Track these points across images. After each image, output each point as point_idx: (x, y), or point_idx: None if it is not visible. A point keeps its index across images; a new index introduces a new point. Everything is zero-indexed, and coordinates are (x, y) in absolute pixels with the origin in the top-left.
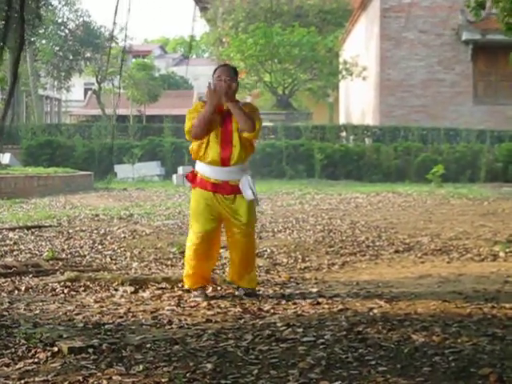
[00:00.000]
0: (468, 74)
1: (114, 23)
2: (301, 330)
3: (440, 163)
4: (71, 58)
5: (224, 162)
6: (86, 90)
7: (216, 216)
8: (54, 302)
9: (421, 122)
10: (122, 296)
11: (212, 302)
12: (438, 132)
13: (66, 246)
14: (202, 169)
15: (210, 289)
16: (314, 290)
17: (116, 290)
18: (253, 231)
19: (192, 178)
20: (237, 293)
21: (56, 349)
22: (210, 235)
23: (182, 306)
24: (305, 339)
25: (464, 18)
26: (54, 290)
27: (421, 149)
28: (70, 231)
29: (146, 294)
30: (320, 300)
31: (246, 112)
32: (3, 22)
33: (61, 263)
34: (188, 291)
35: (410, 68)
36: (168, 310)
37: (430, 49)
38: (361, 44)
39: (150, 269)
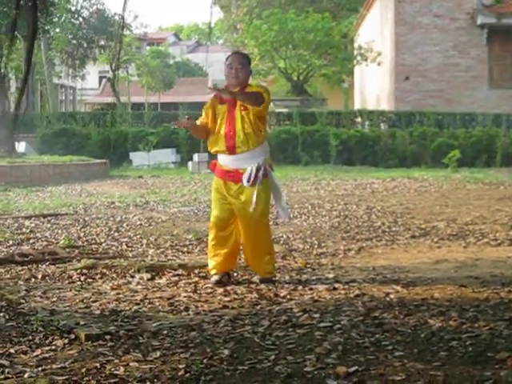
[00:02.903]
0: (483, 58)
1: (123, 12)
2: (317, 315)
3: (456, 148)
4: (85, 46)
5: (230, 150)
6: (100, 78)
7: (228, 203)
8: (70, 290)
9: (436, 106)
10: (138, 283)
11: (228, 288)
12: (454, 117)
13: (82, 234)
14: (218, 157)
15: (226, 275)
16: (331, 275)
17: (132, 276)
18: (263, 219)
19: (213, 166)
20: (255, 278)
21: (73, 336)
22: (224, 222)
23: (198, 292)
24: (321, 325)
25: (479, 1)
26: (71, 277)
27: (436, 133)
28: (86, 219)
29: (163, 281)
30: (336, 285)
31: (248, 92)
32: (14, 11)
33: (77, 251)
34: (205, 278)
35: (425, 53)
36: (184, 296)
37: (445, 33)
38: (375, 29)
39: (166, 255)
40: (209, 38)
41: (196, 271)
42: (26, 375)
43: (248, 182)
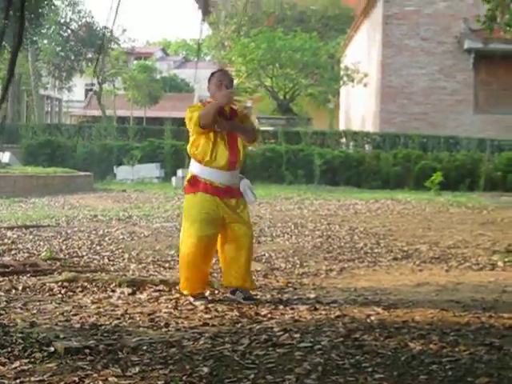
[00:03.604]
0: (469, 82)
1: (112, 25)
2: (298, 335)
3: (439, 171)
4: (73, 58)
5: (230, 164)
6: (86, 91)
7: (217, 221)
8: (51, 302)
9: (421, 129)
10: (119, 297)
11: (209, 305)
12: (438, 140)
13: (64, 246)
14: (204, 172)
15: (208, 292)
16: (312, 295)
17: (113, 291)
18: (251, 232)
19: (194, 182)
20: (235, 296)
21: (52, 349)
22: (210, 240)
23: (179, 308)
24: (302, 345)
25: (466, 26)
26: (52, 289)
27: (420, 156)
28: (69, 231)
29: (144, 296)
30: (317, 306)
31: (244, 126)
32: (3, 22)
33: (58, 263)
34: (190, 295)
35: (411, 75)
36: (165, 312)
37: (432, 56)
38: (362, 50)
39: (147, 271)
40: (198, 54)
41: (177, 287)
42: None
43: (255, 197)
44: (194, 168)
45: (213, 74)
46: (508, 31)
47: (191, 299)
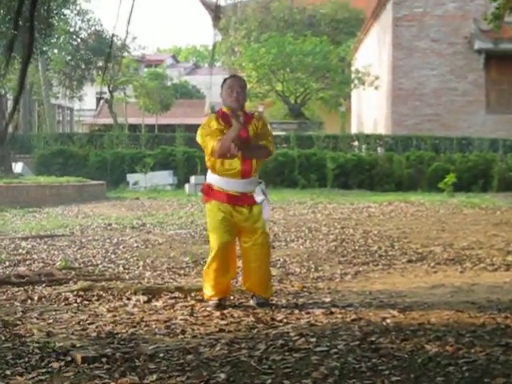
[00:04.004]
0: (480, 82)
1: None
2: (314, 339)
3: (452, 172)
4: (83, 67)
5: (244, 174)
6: (97, 100)
7: (232, 228)
8: (67, 312)
9: (433, 131)
10: (135, 305)
11: (225, 311)
12: (451, 141)
13: (78, 256)
14: (218, 181)
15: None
16: (327, 299)
17: (129, 299)
18: (267, 238)
19: (207, 190)
20: (251, 302)
21: (69, 358)
22: (227, 247)
23: (195, 315)
24: (318, 349)
25: (476, 26)
26: (67, 299)
27: (433, 158)
28: (83, 240)
29: (159, 304)
30: (333, 310)
31: (256, 145)
32: (12, 31)
33: (74, 272)
34: (201, 301)
35: (422, 77)
36: (181, 319)
37: (443, 58)
38: (373, 53)
39: (162, 278)
40: (212, 60)
41: (193, 294)
42: None
43: (264, 196)
44: (209, 177)
45: (225, 80)
46: None
47: (210, 303)
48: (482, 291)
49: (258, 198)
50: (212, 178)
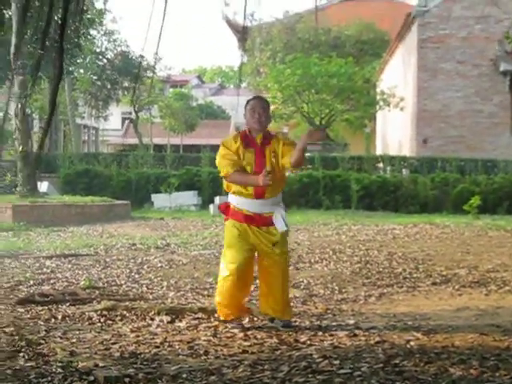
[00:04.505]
0: (506, 104)
1: (156, 54)
2: (337, 361)
3: (477, 194)
4: (109, 87)
5: (258, 195)
6: (123, 119)
7: (249, 247)
8: (90, 331)
9: (458, 152)
10: (158, 326)
11: (248, 332)
12: (476, 163)
13: (102, 275)
14: (234, 200)
15: (247, 319)
16: (351, 321)
17: (152, 319)
18: (287, 260)
19: (224, 209)
20: (274, 323)
21: (92, 378)
22: (243, 266)
23: (218, 336)
24: (341, 371)
25: (502, 48)
26: (91, 318)
27: (458, 180)
28: (107, 260)
29: (183, 324)
30: (357, 332)
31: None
32: (40, 52)
33: (97, 292)
34: (225, 321)
35: (447, 99)
36: (204, 340)
37: (468, 79)
38: (398, 74)
39: (186, 298)
40: (238, 81)
41: (216, 315)
42: None
43: (286, 226)
44: (229, 196)
45: (248, 102)
46: None
47: (230, 325)
48: (506, 314)
49: (279, 225)
50: (231, 197)
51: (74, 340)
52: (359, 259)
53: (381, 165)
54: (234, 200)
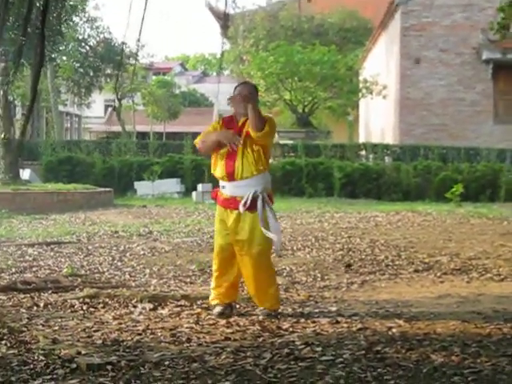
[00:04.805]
0: (488, 93)
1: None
2: (319, 348)
3: (460, 182)
4: (91, 74)
5: (229, 176)
6: (106, 107)
7: (228, 231)
8: (72, 319)
9: (441, 140)
10: (140, 313)
11: (231, 320)
12: (458, 151)
13: (85, 263)
14: (220, 184)
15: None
16: (333, 308)
17: (135, 306)
18: (258, 251)
19: (215, 194)
20: (257, 310)
21: (74, 365)
22: (227, 251)
23: (200, 323)
24: (323, 358)
25: (484, 37)
26: (73, 306)
27: (441, 168)
28: (90, 248)
29: (165, 312)
30: (339, 319)
31: (261, 115)
32: (21, 38)
33: (80, 280)
34: (207, 309)
35: (429, 87)
36: (187, 327)
37: (450, 68)
38: (381, 62)
39: (169, 286)
40: (219, 69)
41: (199, 302)
42: None
43: (244, 206)
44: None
45: (236, 87)
46: None
47: (215, 310)
48: (488, 301)
49: (241, 206)
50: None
51: (57, 328)
52: (341, 247)
53: (363, 152)
54: (220, 184)
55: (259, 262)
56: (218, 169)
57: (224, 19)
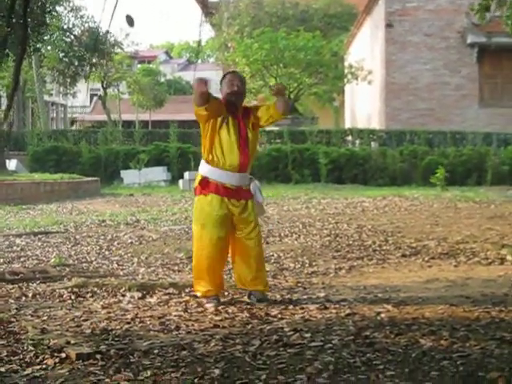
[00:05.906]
0: (473, 76)
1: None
2: (308, 334)
3: (446, 166)
4: (76, 64)
5: (242, 168)
6: (91, 96)
7: (228, 222)
8: (61, 308)
9: (427, 125)
10: (129, 302)
11: (219, 307)
12: (444, 135)
13: (73, 252)
14: (214, 173)
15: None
16: (322, 294)
17: (123, 295)
18: (258, 230)
19: (205, 184)
20: (249, 299)
21: (64, 355)
22: (224, 241)
23: (189, 311)
24: (312, 344)
25: (469, 20)
26: (62, 296)
27: (427, 152)
28: (77, 237)
29: (154, 300)
30: (327, 305)
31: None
32: (5, 29)
33: (68, 269)
34: (196, 296)
35: (415, 71)
36: (175, 315)
37: (436, 52)
38: (366, 48)
39: (157, 274)
40: (196, 56)
41: (187, 290)
42: None
43: (262, 197)
44: (205, 169)
45: (224, 76)
46: (509, 25)
47: (204, 301)
48: (476, 285)
49: (258, 197)
50: (207, 170)
51: (45, 317)
52: (329, 232)
53: (349, 138)
54: (214, 173)
55: (260, 241)
56: (230, 159)
57: (204, 6)
